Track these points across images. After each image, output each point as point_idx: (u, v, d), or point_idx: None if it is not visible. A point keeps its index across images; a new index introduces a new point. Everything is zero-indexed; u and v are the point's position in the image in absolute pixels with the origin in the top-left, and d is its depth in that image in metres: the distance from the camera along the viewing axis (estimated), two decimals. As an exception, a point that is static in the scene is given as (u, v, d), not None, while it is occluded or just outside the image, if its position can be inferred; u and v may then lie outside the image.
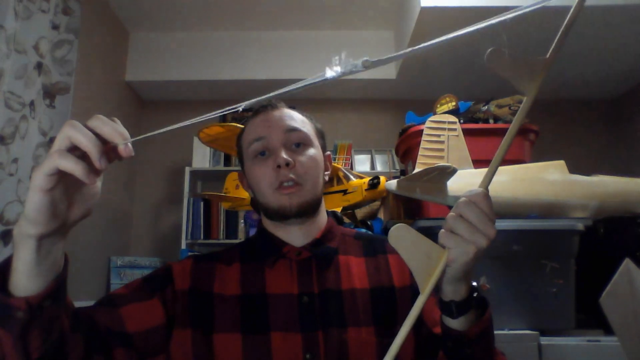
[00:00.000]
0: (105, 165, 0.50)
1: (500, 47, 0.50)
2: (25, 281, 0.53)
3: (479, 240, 0.55)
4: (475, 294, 0.63)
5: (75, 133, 0.49)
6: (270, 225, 0.84)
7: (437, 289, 0.70)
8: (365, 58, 0.39)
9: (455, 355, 0.66)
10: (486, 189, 0.57)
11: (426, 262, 0.56)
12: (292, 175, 0.78)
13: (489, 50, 0.51)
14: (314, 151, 0.83)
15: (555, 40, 0.51)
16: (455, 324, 0.63)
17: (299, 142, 0.81)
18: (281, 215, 0.79)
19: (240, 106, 0.51)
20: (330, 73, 0.42)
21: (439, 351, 0.71)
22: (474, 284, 0.64)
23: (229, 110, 0.53)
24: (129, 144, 0.51)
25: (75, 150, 0.49)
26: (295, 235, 0.82)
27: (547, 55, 0.52)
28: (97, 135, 0.50)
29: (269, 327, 0.74)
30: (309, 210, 0.81)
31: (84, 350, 0.62)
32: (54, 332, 0.57)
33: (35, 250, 0.52)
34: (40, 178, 0.48)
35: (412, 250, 0.56)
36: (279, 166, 0.77)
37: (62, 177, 0.50)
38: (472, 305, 0.63)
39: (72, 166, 0.48)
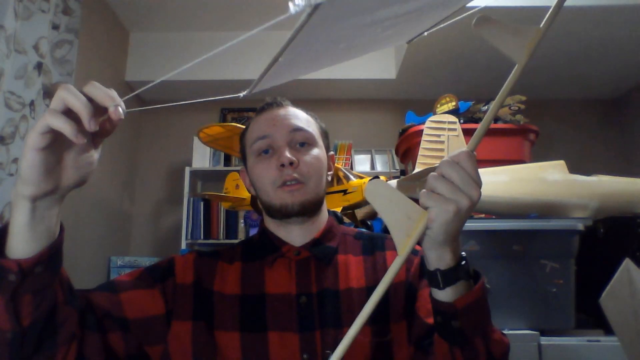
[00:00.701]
0: (95, 126, 0.50)
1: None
2: (19, 244, 0.54)
3: (460, 199, 0.53)
4: (463, 263, 0.59)
5: (67, 95, 0.50)
6: (272, 225, 0.84)
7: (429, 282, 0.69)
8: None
9: (444, 331, 0.62)
10: (472, 151, 0.55)
11: (405, 222, 0.53)
12: (295, 175, 0.78)
13: (478, 15, 0.50)
14: (318, 151, 0.83)
15: (549, 11, 0.50)
16: (443, 295, 0.59)
17: (303, 142, 0.81)
18: (283, 213, 0.79)
19: (241, 95, 0.52)
20: (293, 8, 0.40)
21: (432, 340, 0.70)
22: (463, 254, 0.60)
23: (229, 97, 0.54)
24: (119, 108, 0.52)
25: (70, 113, 0.51)
26: (295, 235, 0.82)
27: (541, 25, 0.51)
28: (91, 101, 0.51)
29: (267, 326, 0.74)
30: (310, 209, 0.80)
31: (77, 325, 0.63)
32: (46, 300, 0.57)
33: (29, 212, 0.53)
34: (33, 136, 0.50)
35: (390, 208, 0.53)
36: (282, 165, 0.77)
37: (55, 138, 0.51)
38: (460, 276, 0.59)
39: (62, 125, 0.49)
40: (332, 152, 0.90)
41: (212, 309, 0.76)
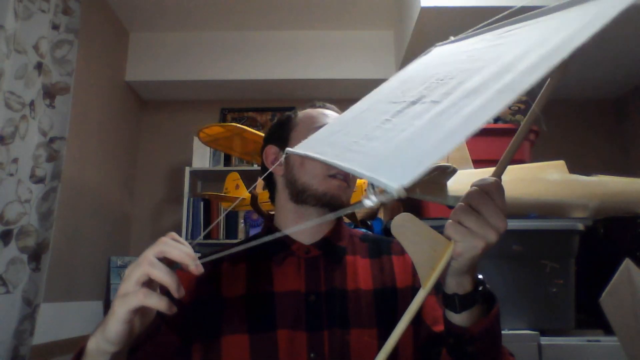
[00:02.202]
0: (183, 293, 0.54)
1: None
2: None
3: (489, 234, 0.51)
4: (480, 288, 0.60)
5: (152, 270, 0.53)
6: (284, 221, 0.84)
7: (438, 287, 0.69)
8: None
9: (457, 353, 0.63)
10: (499, 178, 0.53)
11: (430, 254, 0.51)
12: (347, 172, 0.80)
13: None
14: None
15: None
16: (459, 319, 0.60)
17: None
18: (326, 201, 0.79)
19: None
20: (367, 202, 0.42)
21: (440, 350, 0.70)
22: (480, 277, 0.60)
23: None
24: (199, 263, 0.55)
25: (151, 282, 0.54)
26: (305, 233, 0.82)
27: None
28: (167, 259, 0.55)
29: (276, 325, 0.74)
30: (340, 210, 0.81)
31: None
32: None
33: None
34: (125, 312, 0.53)
35: (415, 241, 0.52)
36: None
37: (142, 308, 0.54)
38: (477, 301, 0.59)
39: (158, 303, 0.53)
40: None
41: (220, 316, 0.76)
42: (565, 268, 1.21)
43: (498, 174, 0.53)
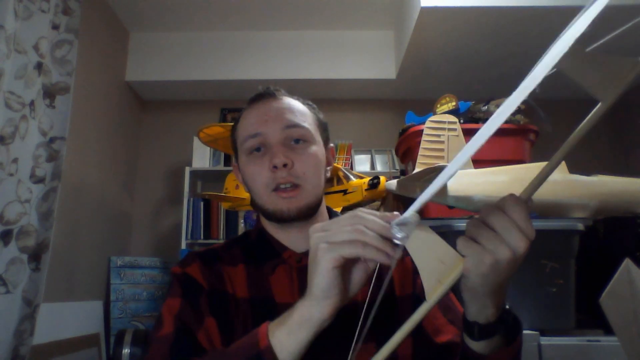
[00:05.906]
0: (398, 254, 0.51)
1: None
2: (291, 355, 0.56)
3: (499, 250, 0.46)
4: (504, 319, 0.56)
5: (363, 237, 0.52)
6: (270, 227, 0.81)
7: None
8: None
9: None
10: (527, 199, 0.49)
11: (438, 267, 0.48)
12: (290, 178, 0.73)
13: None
14: (315, 148, 0.77)
15: None
16: (476, 345, 0.57)
17: (298, 139, 0.76)
18: (278, 218, 0.75)
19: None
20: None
21: None
22: (507, 307, 0.56)
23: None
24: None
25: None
26: (295, 239, 0.78)
27: None
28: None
29: None
30: (309, 212, 0.76)
31: None
32: None
33: (314, 334, 0.56)
34: (333, 261, 0.53)
35: (424, 250, 0.49)
36: (275, 167, 0.73)
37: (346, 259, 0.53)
38: (499, 331, 0.55)
39: (376, 255, 0.51)
40: (331, 145, 0.85)
41: (230, 313, 0.73)
42: (565, 268, 1.21)
43: (526, 195, 0.50)
